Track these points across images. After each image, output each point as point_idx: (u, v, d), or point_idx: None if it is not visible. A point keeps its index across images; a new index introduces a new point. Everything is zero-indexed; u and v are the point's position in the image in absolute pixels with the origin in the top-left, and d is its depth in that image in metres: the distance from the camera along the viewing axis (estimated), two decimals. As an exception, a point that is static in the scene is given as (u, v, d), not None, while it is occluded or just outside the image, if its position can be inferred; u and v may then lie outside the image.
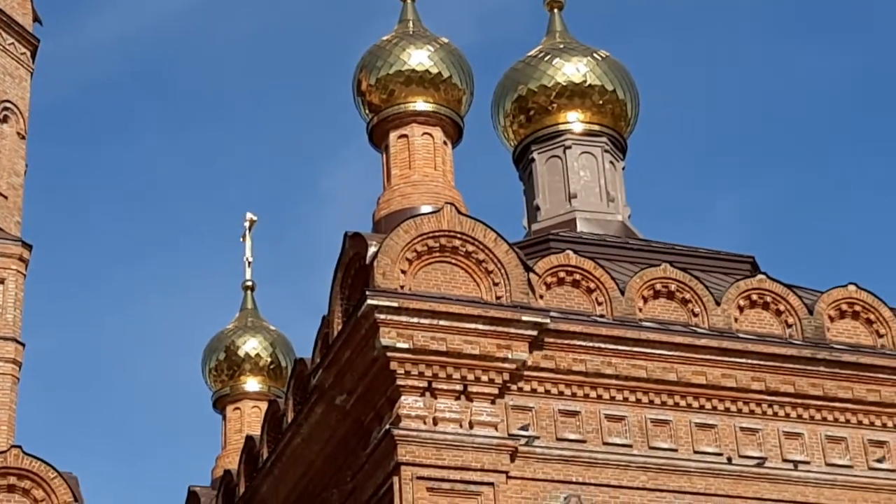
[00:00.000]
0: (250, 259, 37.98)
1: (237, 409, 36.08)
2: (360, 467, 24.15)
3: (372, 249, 24.15)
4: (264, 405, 32.82)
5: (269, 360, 36.35)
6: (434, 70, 28.04)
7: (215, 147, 72.60)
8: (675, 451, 24.55)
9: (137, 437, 69.05)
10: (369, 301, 23.32)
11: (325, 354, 24.84)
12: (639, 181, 43.42)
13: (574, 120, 33.25)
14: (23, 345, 29.58)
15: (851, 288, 26.73)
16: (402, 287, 23.87)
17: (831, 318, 26.39)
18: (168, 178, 71.87)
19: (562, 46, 34.05)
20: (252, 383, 36.21)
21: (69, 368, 67.84)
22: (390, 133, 27.90)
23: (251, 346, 36.46)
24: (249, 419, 35.50)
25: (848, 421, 25.56)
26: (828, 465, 25.19)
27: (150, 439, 68.49)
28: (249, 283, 37.85)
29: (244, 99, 72.89)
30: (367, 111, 28.62)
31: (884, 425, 25.72)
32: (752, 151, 68.21)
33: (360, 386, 24.11)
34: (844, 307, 26.57)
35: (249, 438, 30.14)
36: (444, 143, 27.88)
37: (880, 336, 26.45)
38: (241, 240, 38.28)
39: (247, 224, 38.27)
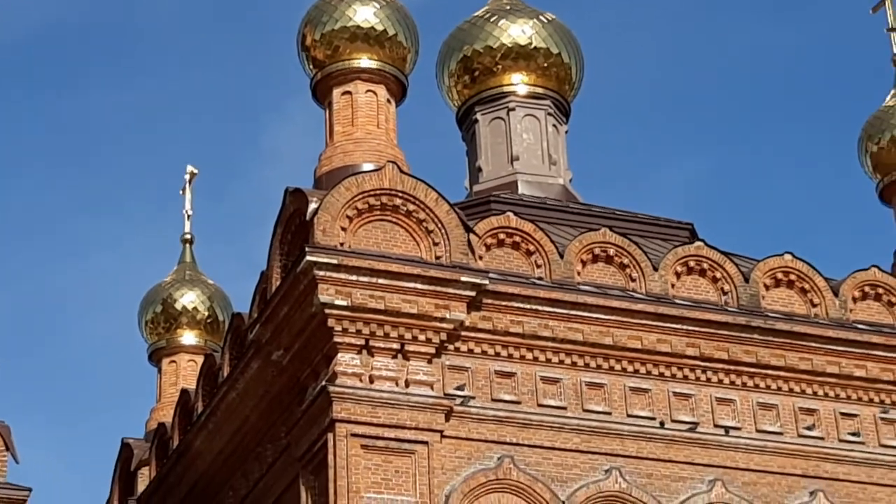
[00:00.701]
0: (190, 212, 37.70)
1: (173, 362, 35.93)
2: (294, 423, 24.15)
3: (312, 206, 24.08)
4: (200, 359, 32.74)
5: (206, 314, 36.20)
6: (379, 27, 27.87)
7: (158, 98, 71.96)
8: (609, 414, 24.73)
9: (71, 388, 68.73)
10: (308, 257, 23.28)
11: (263, 310, 24.79)
12: (581, 146, 43.57)
13: (518, 82, 33.28)
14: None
15: (787, 257, 26.97)
16: (341, 244, 23.84)
17: (766, 287, 26.62)
18: (109, 129, 71.15)
19: (508, 8, 34.03)
20: (188, 337, 36.05)
21: (4, 319, 67.32)
22: (334, 89, 27.73)
23: (188, 299, 36.28)
24: (185, 373, 35.37)
25: (780, 388, 25.84)
26: (758, 431, 25.47)
27: (84, 391, 68.18)
28: (188, 237, 37.60)
29: (188, 51, 72.26)
30: (311, 67, 28.42)
31: (815, 393, 26.02)
32: (694, 119, 68.57)
33: (297, 342, 24.09)
34: (780, 276, 26.82)
35: (185, 392, 30.09)
36: (388, 101, 27.76)
37: (814, 305, 26.72)
38: (181, 192, 38.02)
39: (187, 177, 37.98)
